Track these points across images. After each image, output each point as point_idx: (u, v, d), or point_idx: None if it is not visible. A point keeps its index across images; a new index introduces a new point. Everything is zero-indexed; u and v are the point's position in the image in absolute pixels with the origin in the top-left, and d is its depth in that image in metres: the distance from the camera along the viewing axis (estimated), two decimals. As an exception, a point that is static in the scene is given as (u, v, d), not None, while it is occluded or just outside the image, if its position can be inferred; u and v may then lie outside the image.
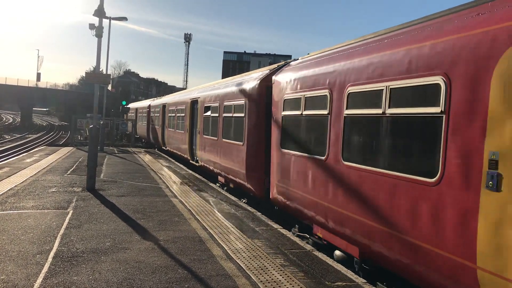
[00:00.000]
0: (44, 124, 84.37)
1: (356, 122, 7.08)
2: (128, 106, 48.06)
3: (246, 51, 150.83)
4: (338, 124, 7.44)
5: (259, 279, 6.07)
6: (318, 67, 8.57)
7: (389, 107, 6.14)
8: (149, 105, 35.42)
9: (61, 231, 8.05)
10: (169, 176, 16.33)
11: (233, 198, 12.48)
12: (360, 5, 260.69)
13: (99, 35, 15.34)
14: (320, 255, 7.39)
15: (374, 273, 6.82)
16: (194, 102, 19.58)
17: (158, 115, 29.59)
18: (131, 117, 44.96)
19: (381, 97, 6.27)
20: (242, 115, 12.62)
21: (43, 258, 6.56)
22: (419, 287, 5.67)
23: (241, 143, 12.55)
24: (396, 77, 6.01)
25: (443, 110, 5.10)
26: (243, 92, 12.82)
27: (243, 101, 12.64)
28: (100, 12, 15.16)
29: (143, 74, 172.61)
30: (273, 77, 10.77)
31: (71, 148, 27.09)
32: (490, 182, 4.41)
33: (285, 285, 5.89)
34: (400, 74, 5.94)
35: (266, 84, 11.41)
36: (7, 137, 48.58)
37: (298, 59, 10.49)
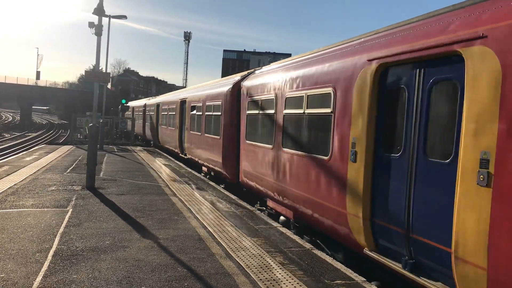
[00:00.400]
0: (44, 123, 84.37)
1: (291, 119, 9.45)
2: (127, 104, 48.13)
3: (246, 50, 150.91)
4: (281, 119, 9.92)
5: (258, 277, 6.08)
6: (268, 75, 11.13)
7: (307, 108, 8.72)
8: (145, 104, 37.00)
9: (61, 230, 8.05)
10: (167, 174, 16.34)
11: (233, 196, 12.50)
12: (360, 4, 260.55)
13: (98, 33, 15.33)
14: (320, 253, 7.41)
15: (303, 229, 9.20)
16: (183, 102, 21.64)
17: (153, 113, 31.28)
18: (128, 115, 45.38)
19: (303, 101, 8.83)
20: (219, 113, 14.88)
21: (43, 256, 6.56)
22: (323, 232, 8.26)
23: (218, 137, 14.89)
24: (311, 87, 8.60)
25: (332, 110, 7.58)
26: (220, 94, 15.05)
27: (220, 102, 14.90)
28: (99, 11, 15.15)
29: (143, 72, 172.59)
30: (242, 83, 13.07)
31: (71, 146, 27.09)
32: (352, 157, 6.89)
33: (284, 284, 5.90)
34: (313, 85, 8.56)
35: (237, 88, 13.66)
36: (6, 135, 48.59)
37: (261, 68, 12.85)
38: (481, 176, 4.57)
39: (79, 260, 6.46)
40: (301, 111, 8.87)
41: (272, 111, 10.34)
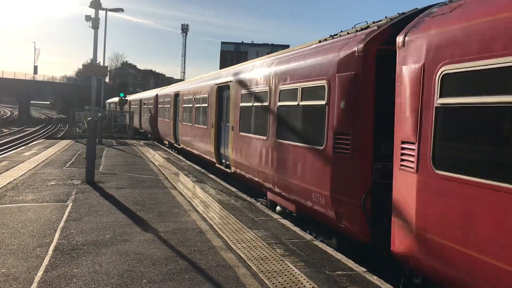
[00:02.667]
0: (42, 117, 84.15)
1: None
2: (126, 98, 48.16)
3: (244, 42, 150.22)
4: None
5: (259, 269, 6.09)
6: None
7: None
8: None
9: (61, 224, 8.05)
10: (166, 167, 16.33)
11: (233, 188, 12.49)
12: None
13: (95, 26, 15.24)
14: (320, 244, 7.41)
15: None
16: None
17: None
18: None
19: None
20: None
21: (43, 251, 6.56)
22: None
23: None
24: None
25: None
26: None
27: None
28: (96, 4, 15.03)
29: (141, 65, 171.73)
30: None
31: (70, 141, 27.05)
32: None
33: (285, 275, 5.90)
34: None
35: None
36: (5, 130, 48.45)
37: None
38: None
39: (80, 255, 6.46)
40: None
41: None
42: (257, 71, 11.66)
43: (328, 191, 7.58)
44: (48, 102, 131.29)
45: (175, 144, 23.75)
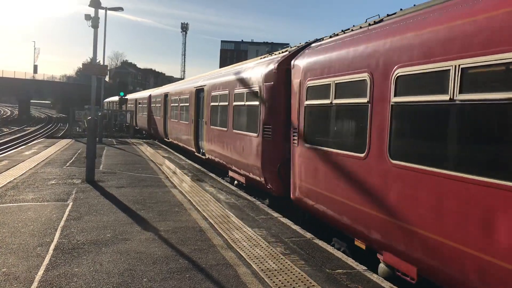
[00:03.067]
0: (42, 117, 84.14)
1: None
2: (126, 97, 48.31)
3: (244, 40, 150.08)
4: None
5: (259, 267, 6.09)
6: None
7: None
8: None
9: (61, 223, 8.05)
10: (166, 166, 16.33)
11: (233, 187, 12.50)
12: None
13: (95, 26, 15.22)
14: (321, 243, 7.42)
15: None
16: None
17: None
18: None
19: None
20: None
21: (44, 250, 6.56)
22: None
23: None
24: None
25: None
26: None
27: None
28: (95, 3, 15.01)
29: (141, 64, 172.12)
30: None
31: (70, 140, 27.05)
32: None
33: (285, 273, 5.91)
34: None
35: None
36: (5, 130, 48.45)
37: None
38: None
39: (80, 254, 6.46)
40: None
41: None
42: (221, 78, 15.04)
43: (260, 164, 10.78)
44: (49, 102, 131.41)
45: (164, 139, 27.01)
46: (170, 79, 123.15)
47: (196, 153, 18.43)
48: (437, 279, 5.26)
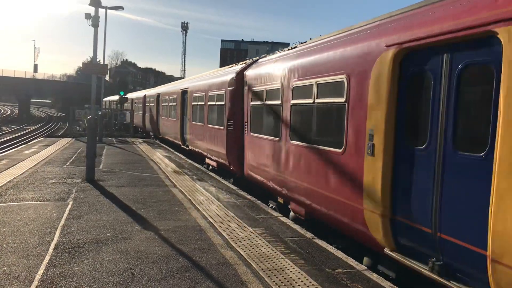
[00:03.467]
0: (42, 116, 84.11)
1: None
2: (125, 96, 48.41)
3: (244, 39, 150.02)
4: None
5: (259, 267, 6.10)
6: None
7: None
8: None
9: (62, 222, 8.06)
10: (166, 165, 16.33)
11: (233, 187, 12.50)
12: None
13: (95, 25, 15.22)
14: (321, 242, 7.42)
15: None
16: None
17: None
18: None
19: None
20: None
21: (44, 249, 6.57)
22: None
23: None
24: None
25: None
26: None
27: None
28: (96, 2, 15.01)
29: (141, 64, 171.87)
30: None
31: (70, 139, 27.06)
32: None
33: (285, 273, 5.91)
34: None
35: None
36: (5, 129, 48.44)
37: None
38: None
39: (81, 253, 6.47)
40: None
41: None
42: (200, 82, 18.00)
43: (225, 151, 13.69)
44: (49, 101, 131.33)
45: (158, 136, 29.60)
46: (170, 79, 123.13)
47: (182, 145, 21.65)
48: (313, 214, 8.48)
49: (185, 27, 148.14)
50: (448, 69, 5.20)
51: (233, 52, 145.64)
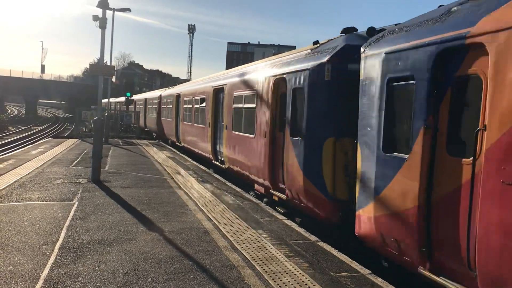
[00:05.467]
0: (49, 116, 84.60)
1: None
2: (132, 98, 48.53)
3: (250, 42, 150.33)
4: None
5: (264, 269, 6.10)
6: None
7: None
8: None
9: (67, 223, 8.10)
10: (171, 167, 16.38)
11: (237, 189, 12.51)
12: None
13: (102, 26, 15.35)
14: (325, 245, 7.41)
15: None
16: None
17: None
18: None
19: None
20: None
21: (49, 249, 6.60)
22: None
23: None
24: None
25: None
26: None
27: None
28: (103, 4, 15.14)
29: (147, 65, 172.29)
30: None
31: (76, 140, 27.19)
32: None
33: (290, 276, 5.91)
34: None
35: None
36: (12, 129, 48.78)
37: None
38: None
39: (86, 253, 6.50)
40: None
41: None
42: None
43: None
44: (56, 101, 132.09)
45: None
46: (176, 80, 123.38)
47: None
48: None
49: (191, 29, 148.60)
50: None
51: (239, 54, 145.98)
